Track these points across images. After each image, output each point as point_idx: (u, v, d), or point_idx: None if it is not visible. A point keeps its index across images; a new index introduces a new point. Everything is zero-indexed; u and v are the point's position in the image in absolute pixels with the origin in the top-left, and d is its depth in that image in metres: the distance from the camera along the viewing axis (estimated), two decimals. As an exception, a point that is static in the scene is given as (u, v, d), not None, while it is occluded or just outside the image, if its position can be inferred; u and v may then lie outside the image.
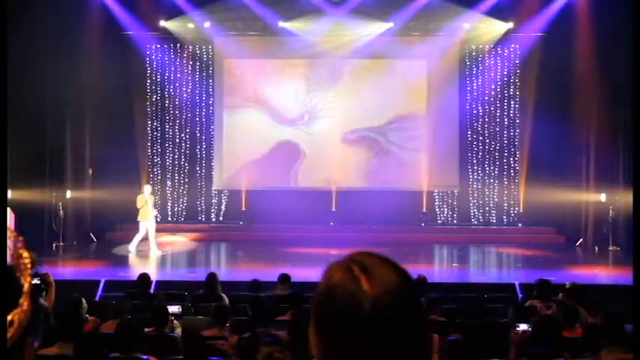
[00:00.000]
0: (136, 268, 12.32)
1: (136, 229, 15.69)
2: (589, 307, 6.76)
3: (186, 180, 17.52)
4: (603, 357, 3.41)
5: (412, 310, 1.20)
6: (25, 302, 1.22)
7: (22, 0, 12.68)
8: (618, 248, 14.33)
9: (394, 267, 1.24)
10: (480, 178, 17.36)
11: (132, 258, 13.65)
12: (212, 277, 8.54)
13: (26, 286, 1.23)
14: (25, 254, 1.27)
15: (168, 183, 17.48)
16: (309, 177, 17.31)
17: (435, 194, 17.42)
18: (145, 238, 13.96)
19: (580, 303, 6.89)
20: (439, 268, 13.40)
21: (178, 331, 6.69)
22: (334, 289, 1.21)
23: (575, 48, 15.46)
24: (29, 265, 1.26)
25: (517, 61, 16.97)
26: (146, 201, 14.02)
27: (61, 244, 14.65)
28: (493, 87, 17.10)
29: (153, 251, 13.87)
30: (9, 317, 1.19)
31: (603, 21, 14.51)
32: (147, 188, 14.47)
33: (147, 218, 13.97)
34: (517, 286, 9.96)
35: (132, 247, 13.94)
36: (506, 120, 17.20)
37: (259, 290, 8.49)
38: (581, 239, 15.48)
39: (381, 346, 1.17)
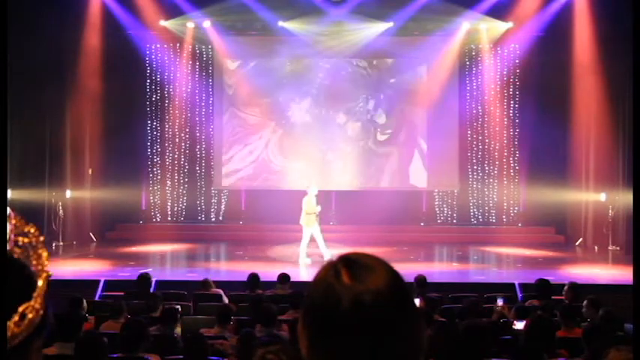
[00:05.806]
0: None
1: (135, 229, 15.64)
2: (588, 307, 6.77)
3: (186, 180, 17.51)
4: (610, 357, 3.39)
5: (398, 313, 1.15)
6: (38, 300, 1.21)
7: None
8: (618, 248, 14.33)
9: (384, 267, 1.19)
10: (479, 177, 17.35)
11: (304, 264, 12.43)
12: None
13: (41, 286, 1.23)
14: (45, 254, 1.27)
15: (168, 183, 17.46)
16: (308, 177, 17.28)
17: (434, 194, 17.42)
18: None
19: (579, 303, 6.90)
20: (439, 268, 13.38)
21: (178, 330, 6.69)
22: (317, 285, 1.18)
23: (574, 48, 15.46)
24: (46, 266, 1.26)
25: (517, 61, 16.95)
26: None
27: (61, 243, 14.64)
28: (493, 87, 17.09)
29: (326, 255, 12.26)
30: (20, 309, 1.18)
31: (603, 21, 14.50)
32: (313, 189, 12.64)
33: (312, 224, 12.36)
34: (517, 286, 9.97)
35: (303, 256, 12.46)
36: (506, 120, 17.18)
37: (257, 285, 8.47)
38: (580, 239, 15.48)
39: (361, 346, 1.12)
